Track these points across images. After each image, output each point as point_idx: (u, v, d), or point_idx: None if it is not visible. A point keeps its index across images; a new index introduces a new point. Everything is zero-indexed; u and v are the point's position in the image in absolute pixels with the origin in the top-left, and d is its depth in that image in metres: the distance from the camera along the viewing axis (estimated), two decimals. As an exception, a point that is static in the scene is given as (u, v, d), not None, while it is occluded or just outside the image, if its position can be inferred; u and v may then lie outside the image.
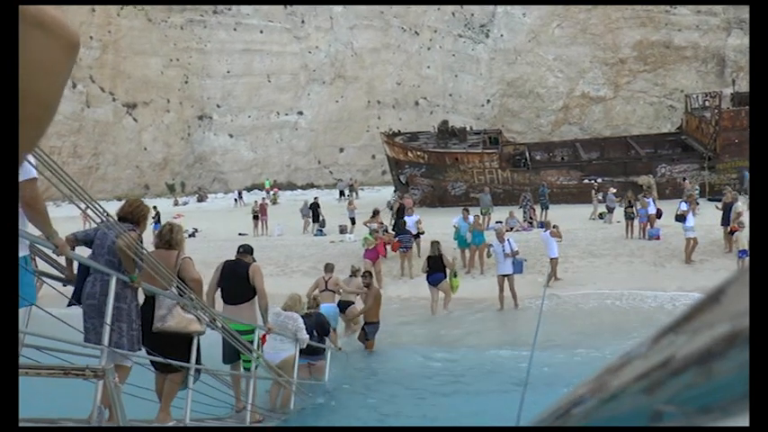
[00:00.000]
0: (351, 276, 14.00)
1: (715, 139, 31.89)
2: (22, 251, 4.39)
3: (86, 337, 5.45)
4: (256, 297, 8.23)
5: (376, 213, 22.16)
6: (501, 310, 15.86)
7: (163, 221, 24.87)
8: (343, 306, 13.40)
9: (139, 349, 5.81)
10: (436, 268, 15.49)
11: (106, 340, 5.13)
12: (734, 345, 0.41)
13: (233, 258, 8.87)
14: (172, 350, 6.11)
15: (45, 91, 0.98)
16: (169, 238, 6.71)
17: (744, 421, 0.39)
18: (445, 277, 15.61)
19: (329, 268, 13.67)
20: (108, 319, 5.21)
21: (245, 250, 9.00)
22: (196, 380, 6.61)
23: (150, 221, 10.84)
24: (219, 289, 8.51)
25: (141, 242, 5.79)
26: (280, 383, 8.99)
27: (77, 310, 5.67)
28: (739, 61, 50.23)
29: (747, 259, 17.14)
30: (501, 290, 15.86)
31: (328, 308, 12.33)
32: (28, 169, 4.25)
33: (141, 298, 6.17)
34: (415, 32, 57.29)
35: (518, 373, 10.31)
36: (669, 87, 54.21)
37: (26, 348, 4.32)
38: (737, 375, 0.40)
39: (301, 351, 9.34)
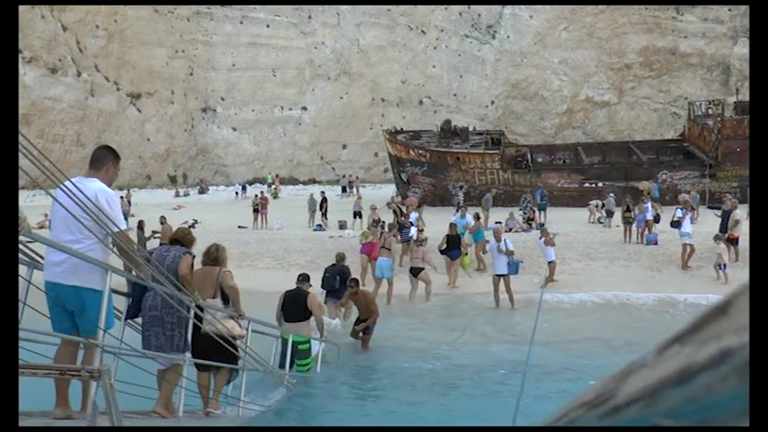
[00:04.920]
0: (418, 245, 17.17)
1: (716, 146, 31.89)
2: (102, 285, 5.17)
3: (146, 344, 6.31)
4: (311, 318, 10.40)
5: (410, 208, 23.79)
6: (497, 308, 15.90)
7: (163, 213, 24.99)
8: (416, 271, 16.41)
9: (190, 350, 6.65)
10: (454, 246, 17.84)
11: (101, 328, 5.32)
12: (740, 358, 0.40)
13: (294, 288, 10.74)
14: (213, 350, 6.89)
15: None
16: (216, 256, 7.70)
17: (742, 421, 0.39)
18: (460, 254, 18.00)
19: (390, 227, 18.64)
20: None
21: (304, 278, 10.92)
22: (234, 377, 7.69)
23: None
24: (282, 311, 10.46)
25: (194, 257, 6.92)
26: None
27: None
28: (744, 70, 50.17)
29: (727, 272, 17.18)
30: (496, 289, 15.92)
31: (383, 261, 16.57)
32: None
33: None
34: (422, 31, 57.31)
35: (515, 367, 10.36)
36: (674, 94, 54.20)
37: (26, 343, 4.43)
38: (740, 389, 0.39)
39: (329, 293, 13.30)
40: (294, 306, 10.35)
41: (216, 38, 57.59)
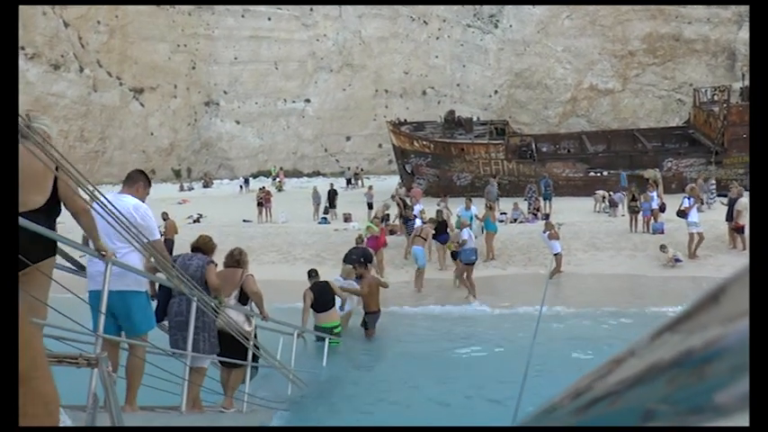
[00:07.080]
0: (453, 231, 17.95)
1: (722, 133, 31.63)
2: (143, 287, 5.82)
3: (174, 346, 6.67)
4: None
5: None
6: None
7: (165, 209, 24.95)
8: (455, 255, 16.89)
9: (216, 353, 6.98)
10: (441, 231, 18.70)
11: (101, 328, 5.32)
12: (723, 348, 0.41)
13: (320, 281, 12.03)
14: (234, 349, 7.26)
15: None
16: (239, 258, 8.10)
17: (743, 421, 0.39)
18: (448, 239, 18.49)
19: (429, 220, 19.17)
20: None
21: (316, 274, 12.31)
22: (254, 374, 7.95)
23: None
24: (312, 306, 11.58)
25: (216, 265, 7.29)
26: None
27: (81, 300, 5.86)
28: (750, 55, 49.84)
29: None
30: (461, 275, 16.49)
31: (417, 249, 17.56)
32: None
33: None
34: (424, 22, 57.04)
35: (517, 364, 10.30)
36: (678, 81, 53.85)
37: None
38: (729, 378, 0.40)
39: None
40: (323, 298, 11.68)
41: (218, 31, 57.46)
